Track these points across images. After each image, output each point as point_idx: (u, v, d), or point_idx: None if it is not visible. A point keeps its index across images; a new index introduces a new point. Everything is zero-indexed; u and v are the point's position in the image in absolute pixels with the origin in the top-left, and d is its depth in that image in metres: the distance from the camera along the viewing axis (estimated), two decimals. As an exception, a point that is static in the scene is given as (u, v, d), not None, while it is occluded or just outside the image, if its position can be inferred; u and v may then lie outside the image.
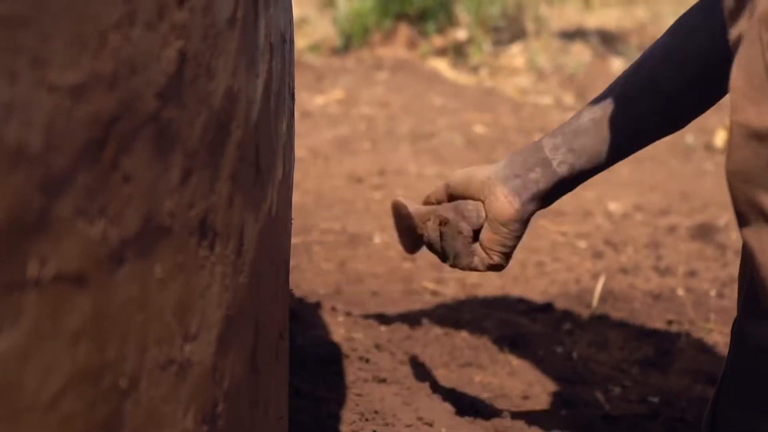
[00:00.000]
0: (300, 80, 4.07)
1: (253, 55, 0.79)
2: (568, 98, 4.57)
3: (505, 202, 1.25)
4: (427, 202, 1.36)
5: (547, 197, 1.27)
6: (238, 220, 0.77)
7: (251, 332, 0.83)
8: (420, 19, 5.67)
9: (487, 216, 1.27)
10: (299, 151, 3.13)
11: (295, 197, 1.70)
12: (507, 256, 1.28)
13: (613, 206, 2.72)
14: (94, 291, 0.56)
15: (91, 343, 0.56)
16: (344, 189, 2.83)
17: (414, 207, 1.35)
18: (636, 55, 5.60)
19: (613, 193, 2.85)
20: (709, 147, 3.51)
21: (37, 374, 0.52)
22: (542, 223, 2.55)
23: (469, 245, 1.28)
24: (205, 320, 0.71)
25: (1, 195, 0.48)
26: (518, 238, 1.27)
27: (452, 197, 1.32)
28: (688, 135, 3.64)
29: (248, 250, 0.80)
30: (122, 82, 0.58)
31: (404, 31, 5.60)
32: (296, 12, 4.69)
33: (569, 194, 1.31)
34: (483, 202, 1.28)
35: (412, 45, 5.61)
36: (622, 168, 3.08)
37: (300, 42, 5.25)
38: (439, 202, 1.34)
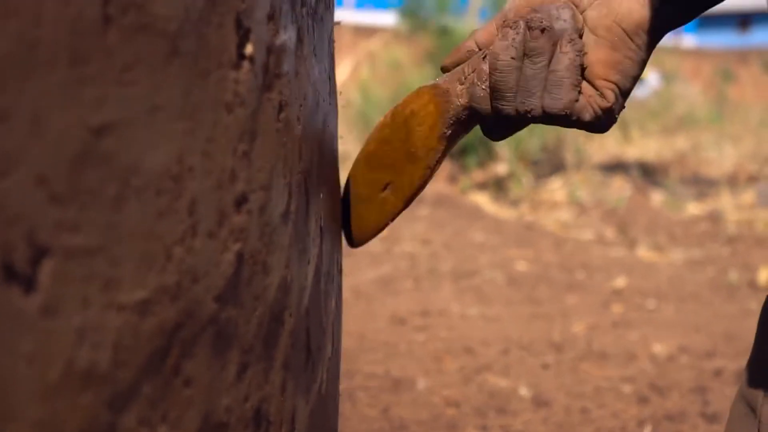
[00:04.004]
0: (343, 217, 4.12)
1: (305, 243, 0.82)
2: (609, 233, 4.59)
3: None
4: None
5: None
6: (290, 405, 0.79)
7: None
8: (461, 154, 5.76)
9: (592, 26, 0.83)
10: (342, 291, 3.15)
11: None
12: (622, 95, 0.83)
13: (658, 348, 2.70)
14: (155, 497, 0.58)
15: None
16: (387, 331, 2.85)
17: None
18: (677, 188, 5.62)
19: (657, 335, 2.84)
20: (752, 284, 3.50)
21: None
22: (585, 367, 2.54)
23: (576, 72, 0.81)
24: None
25: (71, 416, 0.51)
26: (643, 64, 0.83)
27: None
28: (731, 272, 3.63)
29: (299, 432, 0.82)
30: (185, 291, 0.61)
31: (445, 166, 5.69)
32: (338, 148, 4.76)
33: (612, 335, 1.24)
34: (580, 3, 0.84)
35: (452, 180, 5.69)
36: (667, 307, 3.07)
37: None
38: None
